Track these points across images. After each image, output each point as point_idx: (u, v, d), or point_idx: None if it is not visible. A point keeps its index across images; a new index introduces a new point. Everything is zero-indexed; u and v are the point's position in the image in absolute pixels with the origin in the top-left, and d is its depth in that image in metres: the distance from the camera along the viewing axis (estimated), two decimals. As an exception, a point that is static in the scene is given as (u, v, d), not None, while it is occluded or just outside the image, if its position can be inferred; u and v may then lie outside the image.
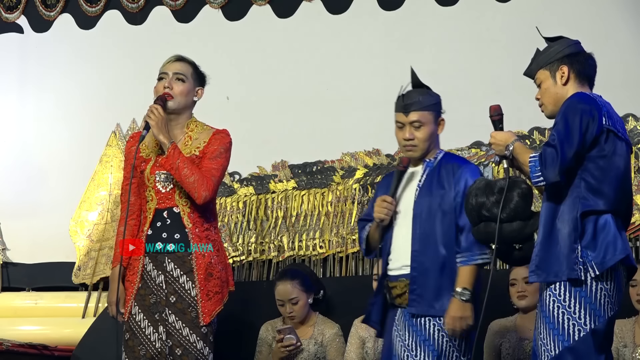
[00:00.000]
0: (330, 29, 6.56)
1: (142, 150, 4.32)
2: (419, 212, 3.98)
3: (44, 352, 6.09)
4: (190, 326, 4.14)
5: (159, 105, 4.19)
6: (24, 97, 7.34)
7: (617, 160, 3.56)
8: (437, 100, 4.10)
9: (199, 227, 4.21)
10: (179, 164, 4.12)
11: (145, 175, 4.27)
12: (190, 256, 4.19)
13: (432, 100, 4.08)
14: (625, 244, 3.52)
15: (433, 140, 4.09)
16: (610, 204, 3.51)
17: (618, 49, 5.73)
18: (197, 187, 4.13)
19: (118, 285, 4.24)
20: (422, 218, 3.97)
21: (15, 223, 7.09)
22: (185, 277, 4.17)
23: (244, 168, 6.49)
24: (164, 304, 4.17)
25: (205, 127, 4.33)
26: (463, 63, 6.16)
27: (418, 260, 3.94)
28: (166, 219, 4.23)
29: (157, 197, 4.25)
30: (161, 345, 4.16)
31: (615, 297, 3.52)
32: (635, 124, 5.62)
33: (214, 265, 4.20)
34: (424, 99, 4.05)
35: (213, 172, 4.20)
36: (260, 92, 6.63)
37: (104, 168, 6.85)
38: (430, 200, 3.98)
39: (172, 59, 4.36)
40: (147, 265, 4.22)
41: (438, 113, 4.10)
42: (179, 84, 4.28)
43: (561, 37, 3.74)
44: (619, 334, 4.63)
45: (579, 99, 3.56)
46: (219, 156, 4.24)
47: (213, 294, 4.18)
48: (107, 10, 7.22)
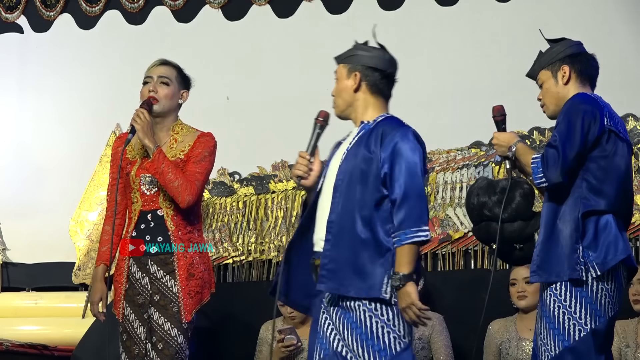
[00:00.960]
0: (330, 29, 6.56)
1: (128, 152, 4.36)
2: (341, 178, 3.48)
3: (44, 352, 6.10)
4: (172, 321, 4.18)
5: (144, 109, 4.24)
6: (23, 97, 7.34)
7: (618, 160, 3.57)
8: (353, 53, 3.60)
9: (182, 229, 4.26)
10: (164, 169, 4.15)
11: (131, 177, 4.31)
12: (172, 257, 4.23)
13: (349, 53, 3.62)
14: (626, 244, 3.53)
15: (348, 97, 3.56)
16: (611, 204, 3.52)
17: (618, 49, 5.73)
18: (181, 192, 4.17)
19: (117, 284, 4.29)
20: (343, 185, 3.47)
21: (15, 223, 7.09)
22: (168, 277, 4.22)
23: (244, 168, 6.49)
24: (148, 303, 4.23)
25: (190, 130, 4.36)
26: (463, 63, 6.16)
27: (332, 232, 3.45)
28: (150, 222, 4.27)
29: (142, 199, 4.28)
30: (146, 343, 4.21)
31: (616, 297, 3.53)
32: (635, 124, 5.62)
33: (195, 266, 4.24)
34: (343, 53, 3.64)
35: (197, 177, 4.23)
36: (260, 92, 6.63)
37: (104, 168, 6.85)
38: (354, 165, 3.47)
39: (157, 63, 4.41)
40: (132, 267, 4.28)
41: (353, 67, 3.57)
42: (163, 87, 4.32)
43: (563, 38, 3.74)
44: (622, 334, 4.63)
45: (581, 99, 3.57)
46: (203, 160, 4.27)
47: (194, 293, 4.23)
48: (107, 10, 7.21)
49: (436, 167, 5.97)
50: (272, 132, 6.53)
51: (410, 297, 3.31)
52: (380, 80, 3.54)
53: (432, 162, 6.01)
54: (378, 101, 3.55)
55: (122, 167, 4.31)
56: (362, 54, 3.55)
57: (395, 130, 3.45)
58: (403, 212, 3.35)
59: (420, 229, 3.35)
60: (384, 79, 3.54)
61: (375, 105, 3.55)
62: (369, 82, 3.54)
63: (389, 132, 3.44)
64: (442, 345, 4.87)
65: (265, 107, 6.58)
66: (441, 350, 4.86)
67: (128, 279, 4.27)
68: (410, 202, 3.36)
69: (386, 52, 3.57)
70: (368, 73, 3.53)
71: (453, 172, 5.94)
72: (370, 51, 3.55)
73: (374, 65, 3.53)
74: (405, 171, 3.38)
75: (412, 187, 3.37)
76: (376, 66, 3.53)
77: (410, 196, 3.36)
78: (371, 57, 3.53)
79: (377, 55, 3.54)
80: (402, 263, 3.34)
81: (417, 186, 3.38)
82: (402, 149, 3.41)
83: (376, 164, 3.43)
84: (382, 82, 3.54)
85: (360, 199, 3.43)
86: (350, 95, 3.56)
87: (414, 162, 3.40)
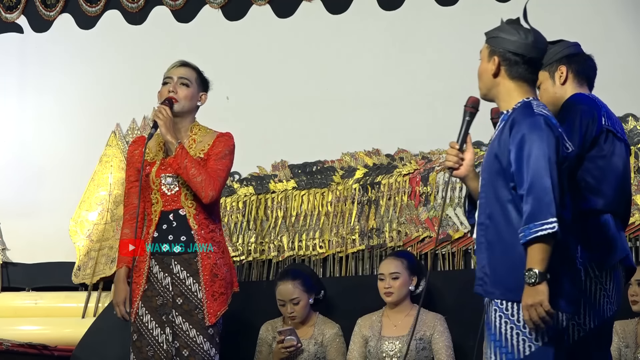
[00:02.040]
0: (330, 29, 6.56)
1: (146, 153, 4.36)
2: (485, 177, 3.38)
3: (44, 352, 6.09)
4: (197, 328, 4.19)
5: (166, 105, 4.25)
6: (23, 97, 7.34)
7: (616, 160, 3.57)
8: (496, 34, 3.45)
9: (205, 228, 4.27)
10: (187, 164, 4.17)
11: (151, 178, 4.32)
12: (195, 257, 4.24)
13: (493, 33, 3.47)
14: (624, 244, 3.53)
15: (489, 81, 3.43)
16: (609, 203, 3.53)
17: (618, 50, 5.73)
18: (205, 187, 4.19)
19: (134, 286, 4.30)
20: (484, 182, 3.38)
21: (15, 223, 7.09)
22: (192, 279, 4.22)
23: (244, 168, 6.48)
24: (170, 305, 4.22)
25: (208, 131, 4.40)
26: (463, 63, 6.15)
27: (480, 234, 3.35)
28: (172, 221, 4.28)
29: (162, 199, 4.30)
30: (168, 346, 4.21)
31: (614, 297, 3.53)
32: (635, 124, 5.62)
33: (219, 267, 4.26)
34: (491, 30, 3.50)
35: (219, 173, 4.26)
36: (260, 92, 6.63)
37: (104, 168, 6.85)
38: (492, 163, 3.36)
39: (177, 64, 4.43)
40: (153, 267, 4.28)
41: (494, 50, 3.42)
42: (183, 88, 4.35)
43: (561, 40, 3.75)
44: (621, 334, 4.64)
45: (579, 99, 3.57)
46: (224, 157, 4.31)
47: (218, 294, 4.24)
48: (107, 10, 7.21)
49: (436, 167, 5.98)
50: (272, 132, 6.53)
51: (539, 295, 3.12)
52: (522, 65, 3.37)
53: (432, 162, 6.01)
54: (519, 86, 3.38)
55: (139, 169, 4.31)
56: (503, 36, 3.39)
57: (524, 120, 3.27)
58: (527, 206, 3.17)
59: (546, 221, 3.13)
60: (524, 64, 3.37)
61: (516, 90, 3.38)
62: (508, 68, 3.38)
63: (516, 122, 3.28)
64: (443, 345, 4.87)
65: (265, 107, 6.58)
66: (442, 350, 4.86)
67: (148, 279, 4.27)
68: (533, 195, 3.17)
69: (530, 35, 3.38)
70: (508, 57, 3.37)
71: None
72: (513, 34, 3.38)
73: (514, 49, 3.36)
74: (531, 164, 3.20)
75: (536, 180, 3.18)
76: (516, 50, 3.36)
77: (534, 189, 3.17)
78: (512, 42, 3.36)
79: (519, 39, 3.37)
80: (532, 260, 3.15)
81: (542, 179, 3.18)
82: (528, 140, 3.22)
83: (507, 159, 3.28)
84: (522, 67, 3.37)
85: (498, 198, 3.30)
86: (490, 80, 3.42)
87: (540, 154, 3.20)
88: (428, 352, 4.89)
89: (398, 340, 4.89)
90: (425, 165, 6.02)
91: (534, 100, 3.36)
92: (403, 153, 6.14)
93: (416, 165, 6.05)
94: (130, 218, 4.36)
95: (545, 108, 3.33)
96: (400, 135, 6.16)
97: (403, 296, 4.99)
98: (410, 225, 5.92)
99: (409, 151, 6.13)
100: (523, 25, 3.42)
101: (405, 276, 4.98)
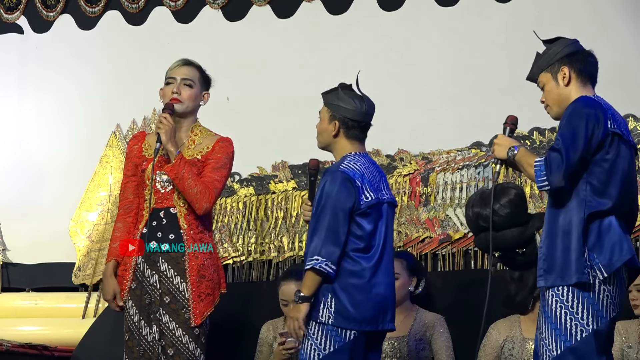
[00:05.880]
0: (330, 30, 6.56)
1: (144, 149, 4.38)
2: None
3: (44, 353, 6.09)
4: (184, 327, 4.20)
5: (167, 113, 4.25)
6: (23, 97, 7.34)
7: (622, 162, 3.57)
8: (336, 102, 4.09)
9: (194, 229, 4.27)
10: (184, 174, 4.18)
11: (146, 174, 4.31)
12: (183, 257, 4.24)
13: (333, 100, 4.09)
14: (629, 246, 3.53)
15: (328, 139, 4.09)
16: (614, 206, 3.52)
17: (618, 49, 5.73)
18: (199, 199, 4.21)
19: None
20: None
21: (15, 223, 7.09)
22: (179, 278, 4.22)
23: (244, 168, 6.48)
24: (158, 303, 4.23)
25: (209, 133, 4.41)
26: (463, 63, 6.16)
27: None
28: (162, 219, 4.29)
29: (155, 196, 4.30)
30: (155, 344, 4.21)
31: (617, 298, 3.53)
32: (635, 124, 5.62)
33: (206, 267, 4.26)
34: (329, 94, 4.12)
35: (216, 184, 4.27)
36: (260, 92, 6.63)
37: (104, 168, 6.85)
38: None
39: (180, 63, 4.43)
40: (141, 265, 4.27)
41: (334, 115, 4.09)
42: (187, 89, 4.36)
43: (559, 38, 3.74)
44: (624, 334, 4.63)
45: (584, 103, 3.56)
46: (223, 167, 4.32)
47: (205, 295, 4.24)
48: (107, 11, 7.21)
49: (436, 167, 5.98)
50: (272, 133, 6.53)
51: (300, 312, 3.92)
52: (357, 128, 4.04)
53: (432, 162, 6.01)
54: (352, 144, 4.06)
55: (137, 164, 4.36)
56: (342, 105, 4.03)
57: (324, 175, 4.02)
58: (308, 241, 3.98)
59: (309, 259, 3.86)
60: (359, 127, 4.05)
61: (350, 147, 4.05)
62: (346, 130, 4.04)
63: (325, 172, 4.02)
64: (442, 345, 4.87)
65: (266, 107, 6.58)
66: (442, 350, 4.86)
67: (135, 277, 4.27)
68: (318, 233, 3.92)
69: (364, 104, 4.04)
70: (346, 122, 4.03)
71: (453, 172, 5.94)
72: (350, 103, 4.03)
73: (351, 117, 4.02)
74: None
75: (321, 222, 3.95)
76: (354, 118, 4.02)
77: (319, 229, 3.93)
78: (350, 110, 4.02)
79: (356, 108, 4.02)
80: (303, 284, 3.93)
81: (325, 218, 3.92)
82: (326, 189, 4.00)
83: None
84: (357, 130, 4.05)
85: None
86: (330, 138, 4.07)
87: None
88: (428, 352, 4.89)
89: (397, 341, 4.89)
90: (426, 166, 6.02)
91: (355, 155, 4.03)
92: (403, 153, 6.14)
93: (416, 166, 6.05)
94: (124, 212, 4.39)
95: (357, 162, 4.00)
96: (400, 135, 6.16)
97: (403, 297, 4.98)
98: (410, 225, 5.92)
99: (409, 152, 6.13)
100: (356, 92, 4.09)
101: (404, 277, 4.98)
